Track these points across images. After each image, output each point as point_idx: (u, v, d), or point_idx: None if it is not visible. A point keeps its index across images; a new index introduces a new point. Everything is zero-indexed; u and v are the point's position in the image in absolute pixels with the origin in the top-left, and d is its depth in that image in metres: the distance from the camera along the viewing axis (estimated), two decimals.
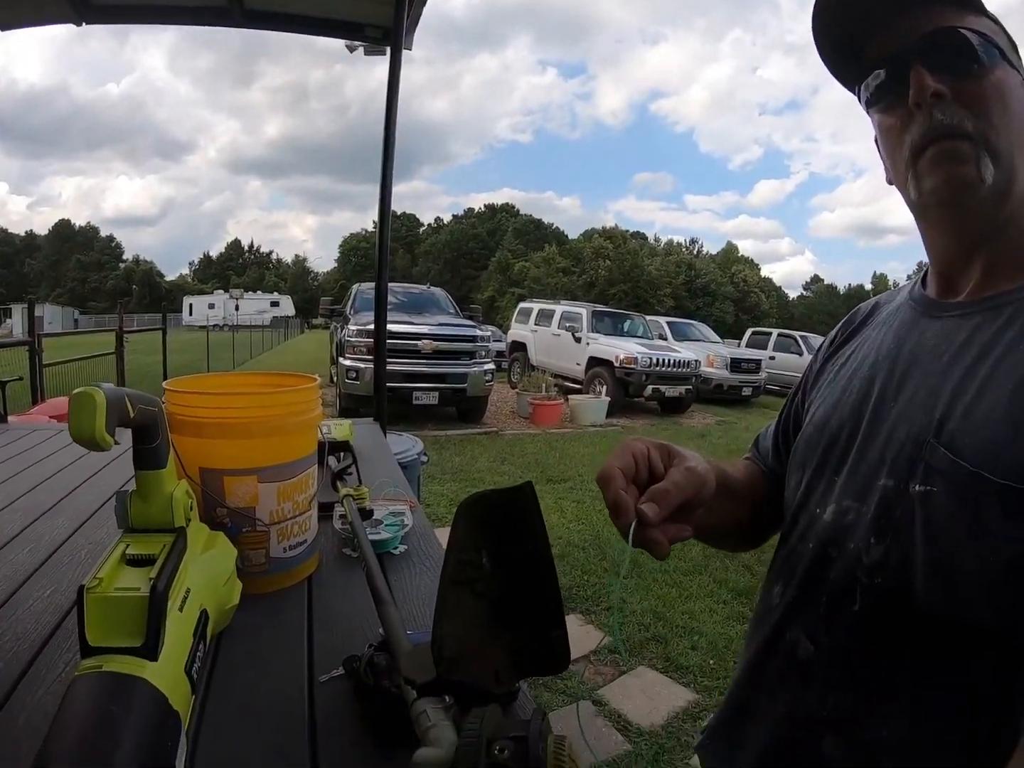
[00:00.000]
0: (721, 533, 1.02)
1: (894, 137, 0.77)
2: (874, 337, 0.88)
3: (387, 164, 3.00)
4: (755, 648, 0.89)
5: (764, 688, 0.86)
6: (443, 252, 74.72)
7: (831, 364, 0.96)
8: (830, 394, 0.89)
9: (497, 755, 0.51)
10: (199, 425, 1.07)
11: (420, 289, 12.40)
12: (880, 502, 0.73)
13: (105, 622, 0.66)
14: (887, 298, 0.96)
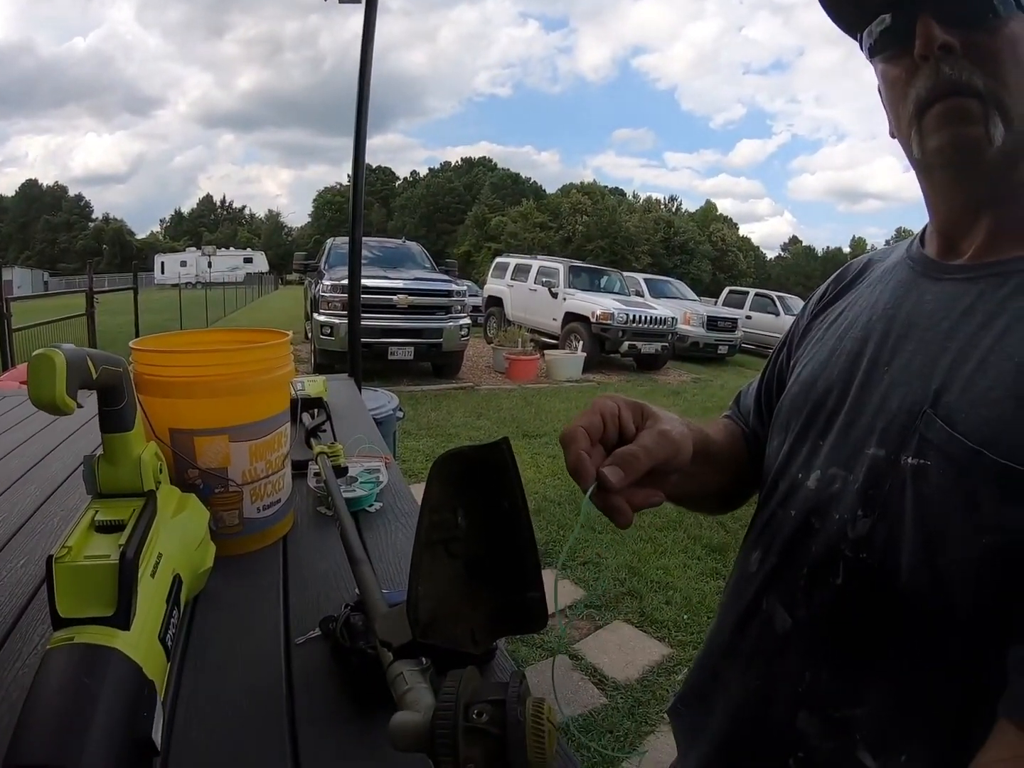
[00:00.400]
0: (699, 499, 0.99)
1: (899, 89, 0.70)
2: (867, 295, 0.84)
3: (361, 116, 2.93)
4: (732, 616, 0.86)
5: (739, 658, 0.83)
6: (419, 206, 73.92)
7: (819, 321, 0.91)
8: (818, 352, 0.85)
9: (475, 719, 0.50)
10: (167, 385, 1.04)
11: (395, 243, 12.26)
12: (869, 472, 0.70)
13: (75, 592, 0.65)
14: (881, 255, 0.91)
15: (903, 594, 0.65)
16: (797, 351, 0.93)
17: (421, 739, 0.51)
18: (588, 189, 63.82)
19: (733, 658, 0.85)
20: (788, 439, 0.84)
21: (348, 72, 2.94)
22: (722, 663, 0.87)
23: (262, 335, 1.30)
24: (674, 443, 0.68)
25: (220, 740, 0.71)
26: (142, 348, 1.07)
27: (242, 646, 0.88)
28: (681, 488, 0.76)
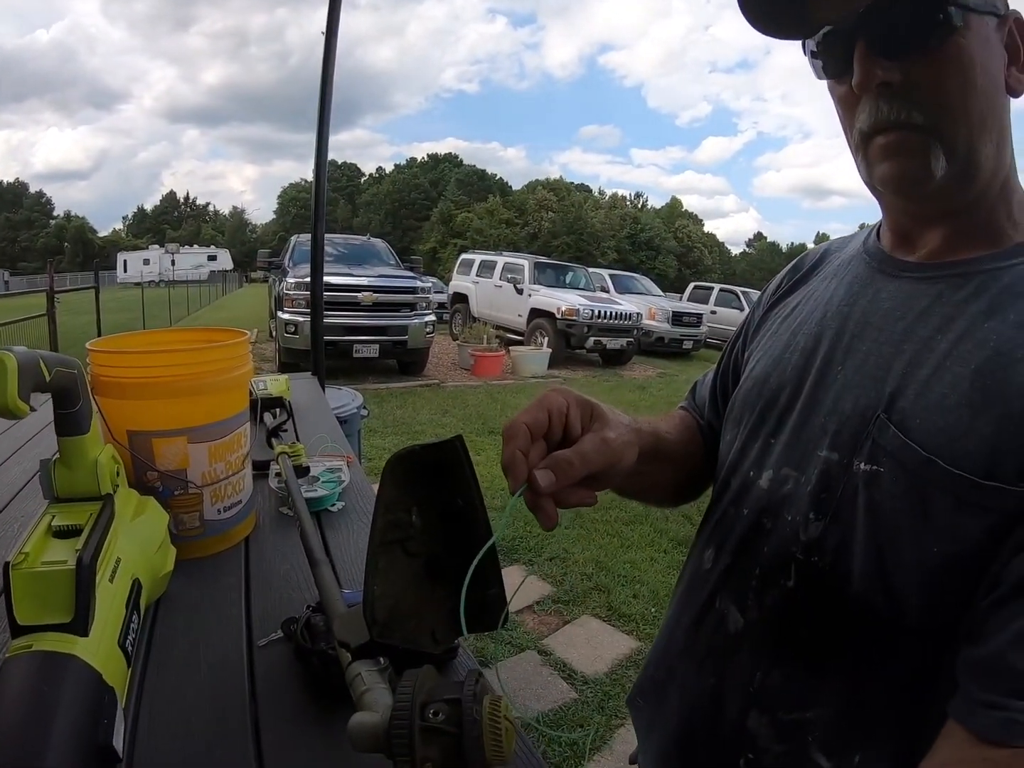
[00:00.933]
0: (650, 494, 0.98)
1: (846, 107, 0.69)
2: (822, 290, 0.82)
3: (324, 112, 2.91)
4: (688, 613, 0.86)
5: (694, 655, 0.83)
6: (384, 203, 73.48)
7: (774, 313, 0.89)
8: (772, 347, 0.84)
9: (431, 718, 0.50)
10: (124, 386, 1.03)
11: (360, 240, 12.17)
12: (821, 475, 0.69)
13: (33, 599, 0.64)
14: (838, 245, 0.90)
15: (855, 598, 0.65)
16: (751, 344, 0.92)
17: (379, 740, 0.52)
18: (554, 185, 63.94)
19: (688, 655, 0.84)
20: (741, 435, 0.83)
21: (315, 67, 2.91)
22: (678, 659, 0.87)
23: (221, 334, 1.29)
24: (615, 452, 0.66)
25: (183, 745, 0.71)
26: (98, 349, 1.05)
27: (204, 649, 0.88)
28: (628, 486, 0.77)
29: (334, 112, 2.96)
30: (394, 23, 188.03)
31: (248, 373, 1.19)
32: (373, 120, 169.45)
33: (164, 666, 0.83)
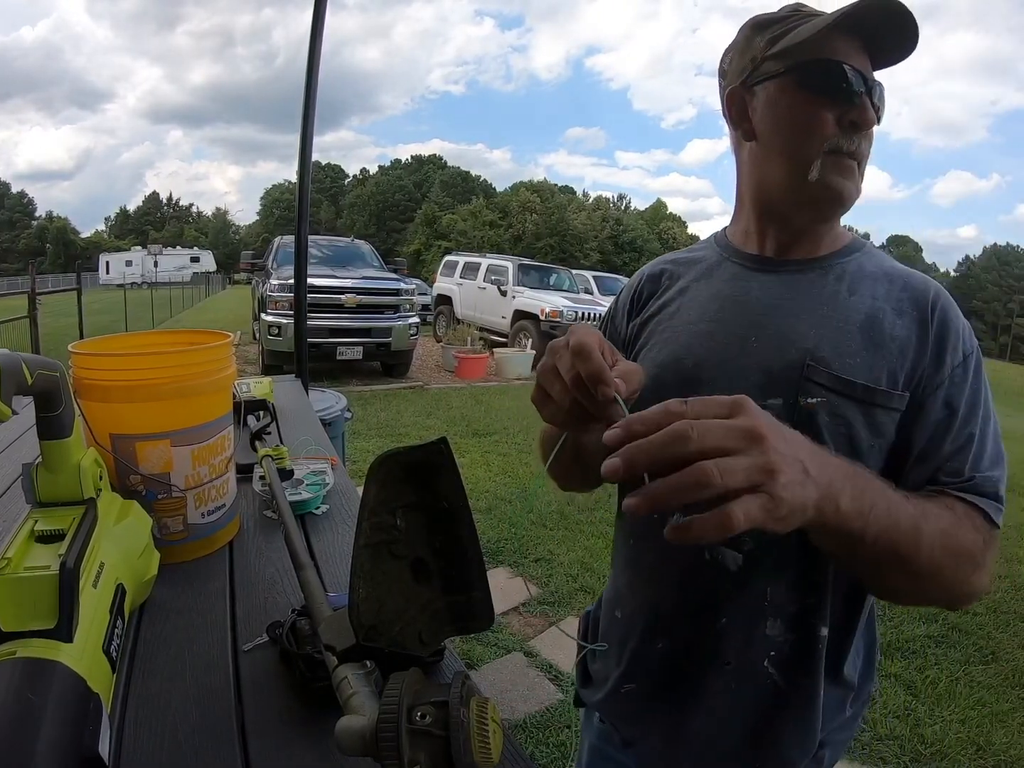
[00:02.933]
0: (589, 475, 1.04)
1: (819, 122, 0.89)
2: (702, 289, 1.02)
3: (308, 112, 2.91)
4: (669, 577, 0.97)
5: (690, 607, 0.95)
6: (368, 204, 73.28)
7: (649, 320, 1.05)
8: (671, 338, 0.99)
9: (418, 721, 0.51)
10: (107, 389, 1.02)
11: (344, 242, 12.13)
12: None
13: (16, 605, 0.64)
14: (675, 261, 1.11)
15: None
16: (635, 346, 1.06)
17: (366, 743, 0.52)
18: (537, 187, 63.98)
19: (684, 609, 0.96)
20: None
21: (301, 68, 2.91)
22: (674, 619, 0.97)
23: (204, 337, 1.28)
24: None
25: (170, 751, 0.70)
26: (81, 351, 1.04)
27: (189, 654, 0.87)
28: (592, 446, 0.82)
29: (319, 113, 2.95)
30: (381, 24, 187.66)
31: (231, 375, 1.18)
32: (359, 121, 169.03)
33: (149, 671, 0.83)
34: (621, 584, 1.06)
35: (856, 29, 0.86)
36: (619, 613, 1.05)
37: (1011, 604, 3.75)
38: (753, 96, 0.96)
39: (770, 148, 0.95)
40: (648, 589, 1.00)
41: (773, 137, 0.94)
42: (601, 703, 1.10)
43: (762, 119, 0.95)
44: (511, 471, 5.71)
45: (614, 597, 1.08)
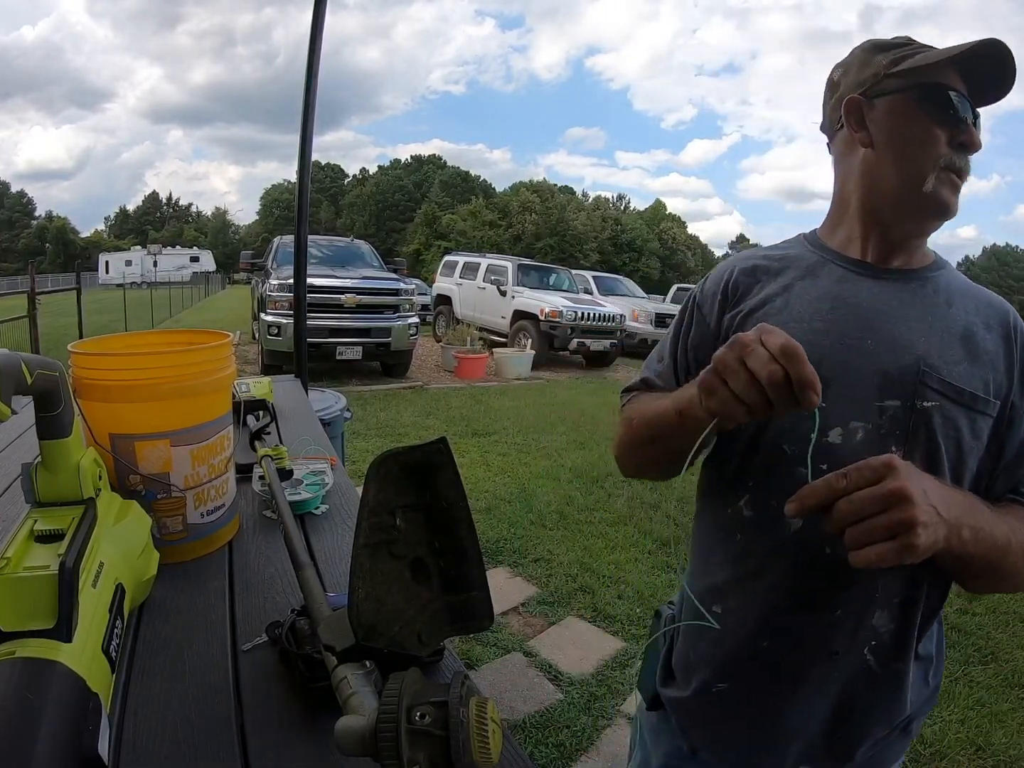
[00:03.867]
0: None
1: (934, 141, 0.96)
2: (808, 289, 1.04)
3: (308, 112, 2.92)
4: (784, 578, 0.99)
5: (808, 603, 0.98)
6: (368, 204, 73.18)
7: (758, 314, 1.05)
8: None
9: (418, 721, 0.51)
10: (107, 389, 1.02)
11: (344, 242, 12.12)
12: (891, 418, 0.93)
13: (15, 605, 0.64)
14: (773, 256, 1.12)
15: None
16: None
17: (365, 743, 0.52)
18: (537, 187, 63.92)
19: (803, 606, 0.98)
20: None
21: (301, 67, 2.91)
22: (790, 616, 1.00)
23: (204, 336, 1.29)
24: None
25: (169, 751, 0.70)
26: (80, 351, 1.04)
27: (189, 654, 0.87)
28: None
29: (320, 113, 2.95)
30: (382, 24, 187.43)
31: (231, 375, 1.18)
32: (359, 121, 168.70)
33: (148, 671, 0.83)
34: (722, 580, 1.06)
35: (968, 66, 0.95)
36: (719, 608, 1.06)
37: (1010, 604, 3.74)
38: (872, 107, 1.02)
39: (887, 157, 1.00)
40: (759, 583, 1.01)
41: (891, 147, 1.00)
42: (684, 702, 1.11)
43: (880, 129, 1.01)
44: (510, 471, 5.71)
45: (710, 591, 1.08)
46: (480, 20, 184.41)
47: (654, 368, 1.19)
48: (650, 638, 1.24)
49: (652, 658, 1.22)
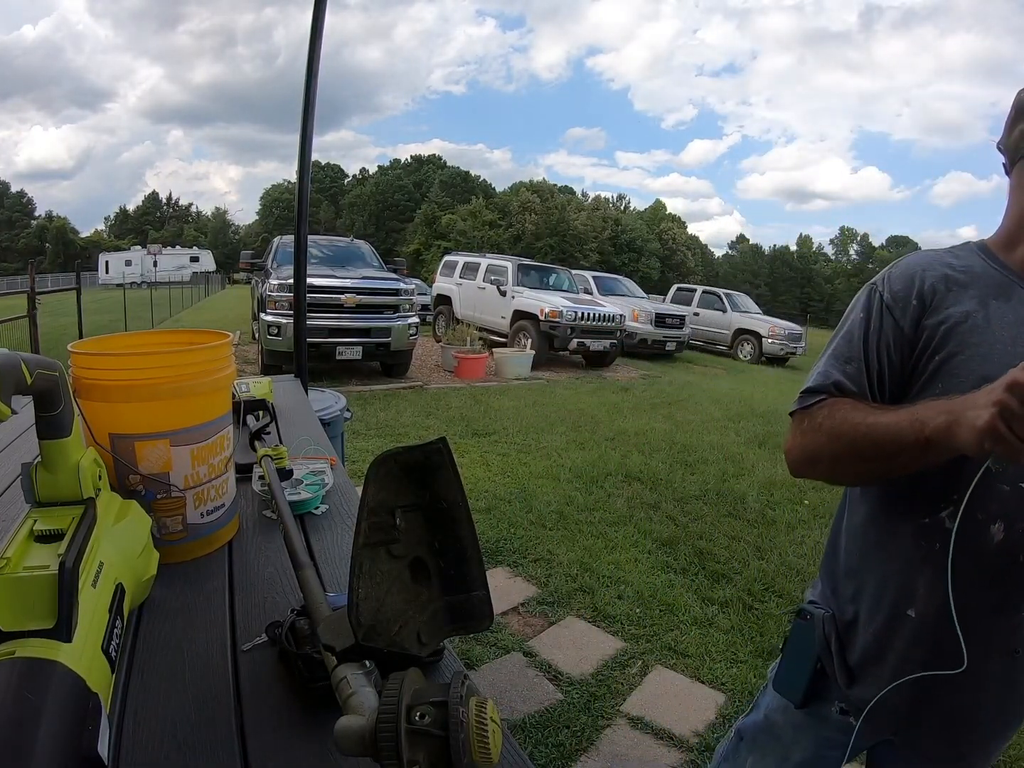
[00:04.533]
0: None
1: None
2: (1007, 310, 1.05)
3: (308, 110, 2.92)
4: (982, 582, 1.04)
5: (1004, 604, 1.04)
6: (368, 204, 73.17)
7: (963, 328, 1.06)
8: (990, 355, 1.02)
9: (418, 721, 0.51)
10: (106, 389, 1.02)
11: (344, 242, 12.10)
12: None
13: (15, 604, 0.64)
14: (958, 267, 1.12)
15: None
16: (935, 346, 1.08)
17: (365, 743, 0.52)
18: (537, 187, 63.91)
19: (993, 609, 1.04)
20: None
21: (302, 67, 2.91)
22: (981, 619, 1.04)
23: (203, 336, 1.29)
24: None
25: (169, 751, 0.71)
26: (80, 351, 1.04)
27: (188, 654, 0.87)
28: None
29: (320, 113, 2.95)
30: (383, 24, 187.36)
31: (231, 375, 1.18)
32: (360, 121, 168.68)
33: (148, 671, 0.83)
34: (918, 585, 1.10)
35: None
36: (912, 612, 1.10)
37: None
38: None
39: None
40: (956, 589, 1.02)
41: None
42: (873, 698, 1.13)
43: None
44: (510, 471, 5.70)
45: (906, 597, 1.11)
46: (481, 20, 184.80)
47: (842, 370, 1.17)
48: (794, 638, 1.29)
49: (800, 661, 1.26)
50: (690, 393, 10.62)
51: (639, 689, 2.79)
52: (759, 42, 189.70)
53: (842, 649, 1.21)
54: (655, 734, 2.52)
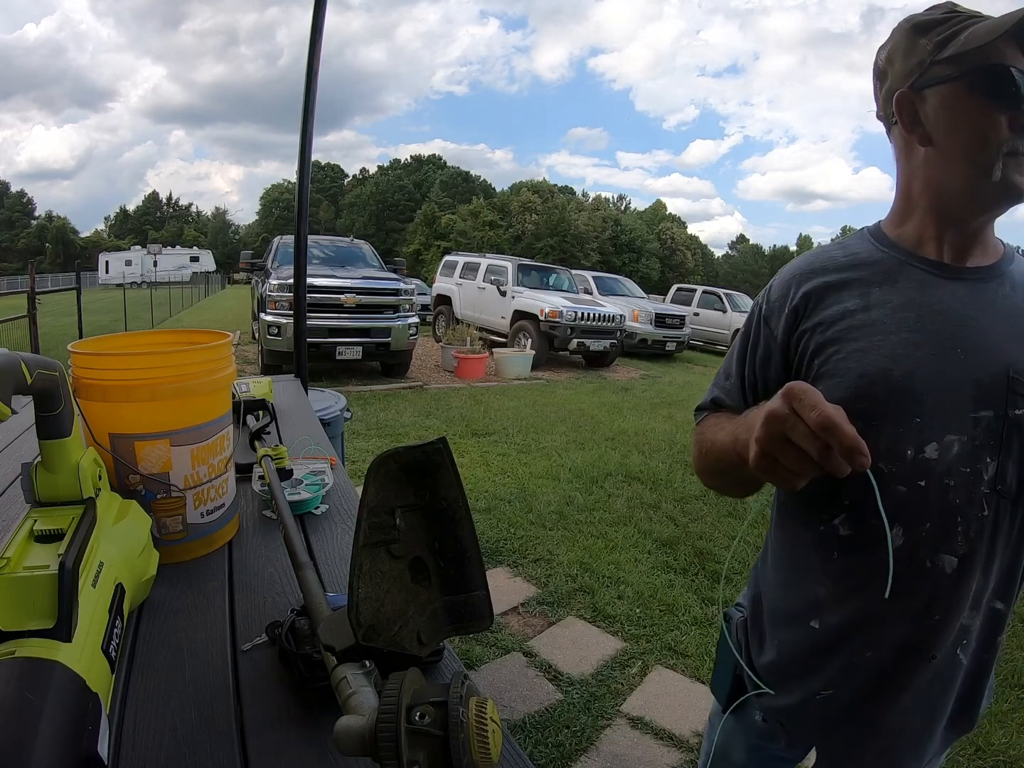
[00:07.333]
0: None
1: (995, 126, 0.91)
2: (891, 295, 1.00)
3: (308, 111, 2.92)
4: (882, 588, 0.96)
5: (909, 611, 0.97)
6: (368, 204, 73.13)
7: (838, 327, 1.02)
8: (870, 348, 0.98)
9: (417, 721, 0.51)
10: (106, 388, 1.02)
11: (344, 242, 12.10)
12: (985, 429, 0.92)
13: (15, 604, 0.64)
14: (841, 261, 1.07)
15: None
16: (811, 352, 1.04)
17: (365, 743, 0.52)
18: (538, 187, 63.86)
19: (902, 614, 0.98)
20: (877, 425, 0.94)
21: (304, 68, 2.91)
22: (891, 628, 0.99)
23: (203, 336, 1.29)
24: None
25: (169, 751, 0.70)
26: (80, 351, 1.04)
27: (188, 654, 0.87)
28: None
29: (322, 113, 2.96)
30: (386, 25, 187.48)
31: (231, 375, 1.18)
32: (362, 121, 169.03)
33: (148, 671, 0.83)
34: (819, 594, 1.05)
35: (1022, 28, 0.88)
36: (816, 623, 1.05)
37: None
38: (923, 100, 0.97)
39: (949, 153, 0.96)
40: (861, 598, 1.00)
41: (951, 142, 0.96)
42: (786, 709, 1.11)
43: (936, 124, 0.96)
44: (510, 471, 5.70)
45: (806, 607, 1.07)
46: (484, 21, 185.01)
47: (722, 385, 1.18)
48: (721, 642, 1.25)
49: (724, 664, 1.22)
50: (690, 393, 10.60)
51: (639, 689, 2.79)
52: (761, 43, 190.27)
53: (751, 656, 1.17)
54: (655, 734, 2.52)
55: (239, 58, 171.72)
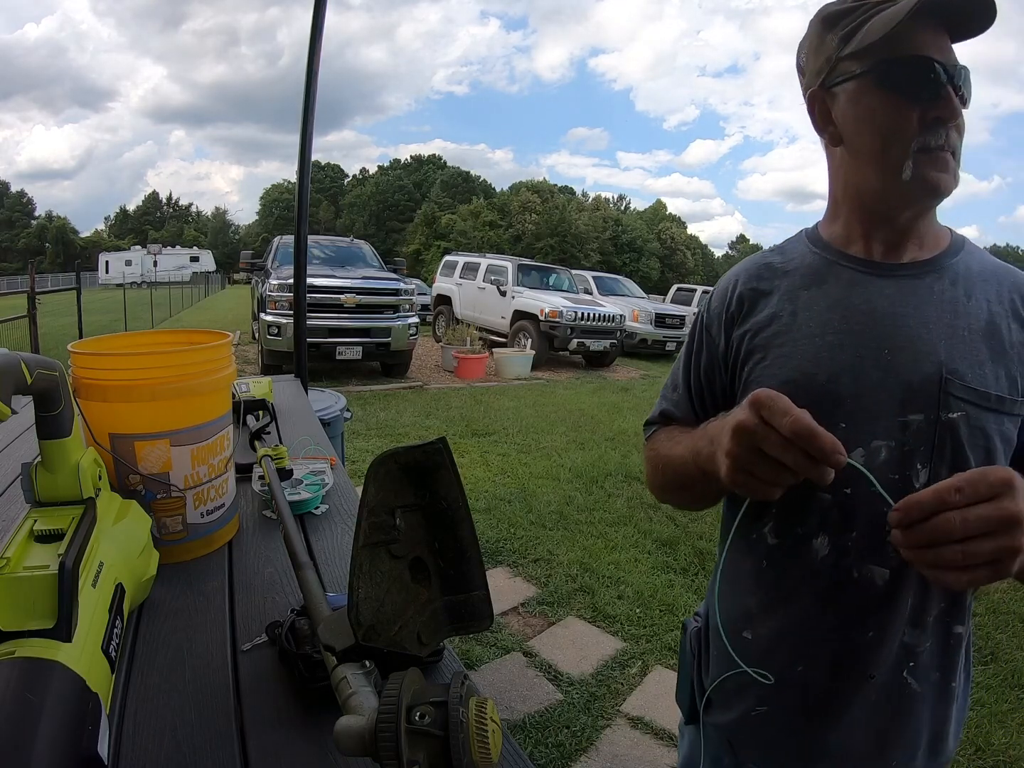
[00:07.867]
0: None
1: (902, 122, 0.87)
2: (817, 297, 0.97)
3: (308, 111, 2.92)
4: (812, 599, 0.95)
5: (837, 625, 0.93)
6: (368, 204, 73.11)
7: (765, 334, 0.99)
8: (794, 353, 0.95)
9: (417, 721, 0.51)
10: (106, 388, 1.02)
11: (344, 242, 12.11)
12: (915, 433, 0.88)
13: (15, 604, 0.64)
14: (775, 264, 1.06)
15: None
16: (744, 359, 1.02)
17: (365, 743, 0.52)
18: (538, 187, 63.81)
19: (830, 627, 0.94)
20: None
21: (304, 68, 2.91)
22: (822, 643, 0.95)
23: (203, 336, 1.29)
24: None
25: (169, 751, 0.70)
26: (80, 351, 1.04)
27: (188, 654, 0.87)
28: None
29: (323, 113, 2.97)
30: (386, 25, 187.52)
31: (231, 375, 1.18)
32: (363, 121, 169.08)
33: (148, 671, 0.83)
34: (750, 605, 1.02)
35: (932, 11, 0.83)
36: (749, 634, 1.02)
37: (1010, 605, 3.74)
38: (834, 99, 0.95)
39: (859, 153, 0.93)
40: (789, 609, 0.98)
41: (859, 142, 0.93)
42: (727, 725, 1.08)
43: (845, 123, 0.94)
44: (510, 471, 5.70)
45: (739, 617, 1.03)
46: (485, 21, 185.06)
47: (670, 398, 1.15)
48: (680, 652, 1.22)
49: (683, 673, 1.19)
50: None
51: (639, 689, 2.79)
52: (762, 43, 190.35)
53: (704, 667, 1.13)
54: (655, 734, 2.52)
55: (239, 58, 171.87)
